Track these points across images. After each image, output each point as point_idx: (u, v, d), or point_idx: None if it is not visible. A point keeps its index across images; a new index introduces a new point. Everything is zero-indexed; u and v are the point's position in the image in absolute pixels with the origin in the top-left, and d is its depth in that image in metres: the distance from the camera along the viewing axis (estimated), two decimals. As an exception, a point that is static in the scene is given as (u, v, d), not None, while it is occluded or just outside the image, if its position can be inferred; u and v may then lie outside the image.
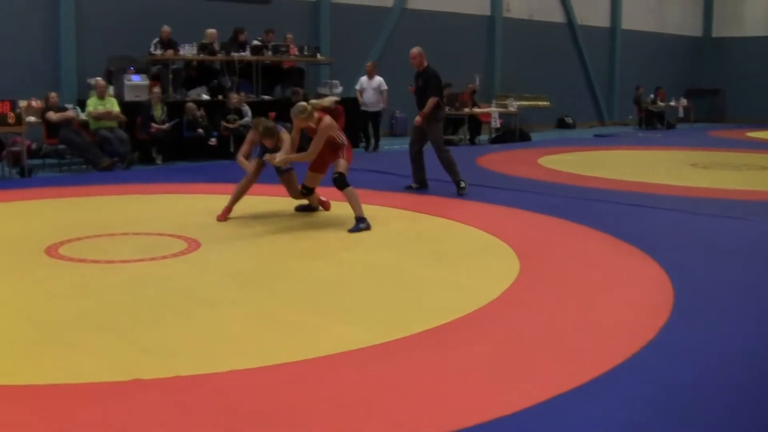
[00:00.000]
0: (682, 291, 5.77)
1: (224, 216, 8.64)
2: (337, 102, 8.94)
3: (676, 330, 4.91)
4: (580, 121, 26.38)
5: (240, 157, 8.93)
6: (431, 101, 10.60)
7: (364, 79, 17.10)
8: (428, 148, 10.98)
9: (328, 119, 8.42)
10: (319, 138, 8.37)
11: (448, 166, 10.64)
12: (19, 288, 6.01)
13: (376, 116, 17.29)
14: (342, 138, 8.59)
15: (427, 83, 10.65)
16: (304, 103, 8.48)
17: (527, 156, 15.96)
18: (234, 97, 15.34)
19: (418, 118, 10.69)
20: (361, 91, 17.02)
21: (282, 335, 4.88)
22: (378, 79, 16.93)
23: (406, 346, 4.62)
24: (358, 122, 16.83)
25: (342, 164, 8.49)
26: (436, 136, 10.76)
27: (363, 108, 16.98)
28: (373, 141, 17.46)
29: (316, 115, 8.36)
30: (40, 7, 15.67)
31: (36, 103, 13.96)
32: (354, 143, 14.92)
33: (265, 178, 9.08)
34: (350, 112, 16.34)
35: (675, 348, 4.60)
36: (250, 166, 8.83)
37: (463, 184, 10.53)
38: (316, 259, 7.02)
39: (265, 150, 8.77)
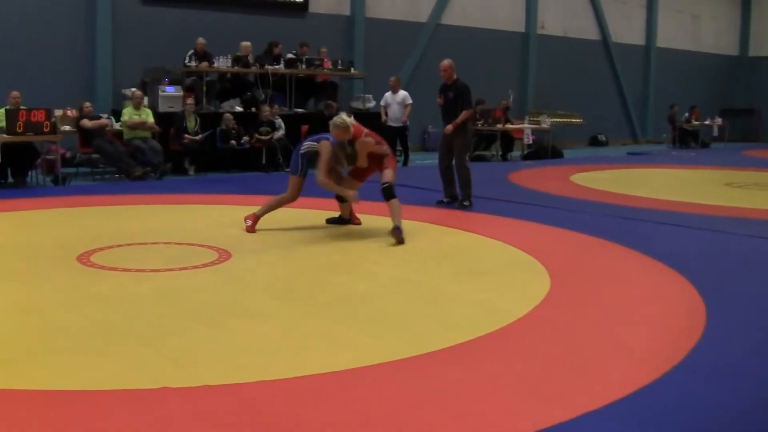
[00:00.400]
0: (715, 312, 5.70)
1: (253, 225, 8.64)
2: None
3: (707, 352, 4.84)
4: (613, 138, 26.22)
5: (323, 177, 8.57)
6: (465, 113, 10.66)
7: (388, 94, 16.66)
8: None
9: (364, 139, 8.54)
10: (361, 160, 8.57)
11: (464, 182, 10.68)
12: (50, 295, 6.05)
13: (402, 131, 16.83)
14: (384, 148, 8.73)
15: (460, 95, 10.69)
16: (345, 119, 8.49)
17: (559, 173, 15.88)
18: (266, 110, 15.41)
19: (449, 127, 10.68)
20: (386, 107, 16.61)
21: (310, 347, 4.87)
22: (402, 94, 16.52)
23: (433, 361, 4.60)
24: (385, 138, 16.60)
25: (389, 174, 8.59)
26: (462, 150, 10.78)
27: (390, 123, 16.51)
28: (402, 156, 17.33)
29: (352, 130, 8.46)
30: (77, 18, 15.86)
31: (71, 113, 14.11)
32: None
33: (303, 191, 9.06)
34: (375, 127, 16.38)
35: (705, 370, 4.53)
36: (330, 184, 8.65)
37: (467, 203, 10.54)
38: (345, 272, 7.02)
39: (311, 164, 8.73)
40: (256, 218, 8.70)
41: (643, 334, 5.24)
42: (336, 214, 9.19)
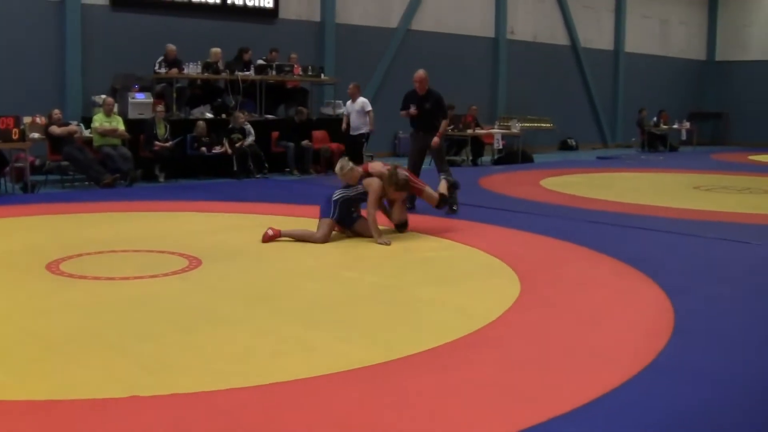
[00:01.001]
0: (683, 314, 5.76)
1: (270, 238, 8.45)
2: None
3: (676, 353, 4.90)
4: (583, 143, 26.40)
5: (372, 210, 8.73)
6: (445, 122, 11.04)
7: (349, 102, 16.16)
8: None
9: (372, 180, 8.83)
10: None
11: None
12: (19, 303, 6.01)
13: (359, 138, 15.88)
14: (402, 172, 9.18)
15: (439, 106, 10.86)
16: (344, 163, 8.89)
17: (530, 177, 15.97)
18: (240, 116, 15.37)
19: (436, 139, 10.79)
20: (348, 115, 16.06)
21: (282, 354, 4.87)
22: (361, 101, 15.91)
23: (406, 366, 4.61)
24: (345, 147, 16.12)
25: (431, 191, 9.44)
26: (441, 157, 10.97)
27: (351, 132, 15.93)
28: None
29: (359, 168, 8.89)
30: (46, 24, 15.74)
31: (40, 120, 14.01)
32: None
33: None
34: (337, 135, 16.31)
35: (674, 371, 4.58)
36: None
37: (456, 208, 10.60)
38: (317, 278, 7.01)
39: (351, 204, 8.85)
40: (278, 234, 8.53)
41: (612, 337, 5.29)
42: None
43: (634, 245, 8.59)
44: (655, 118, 26.26)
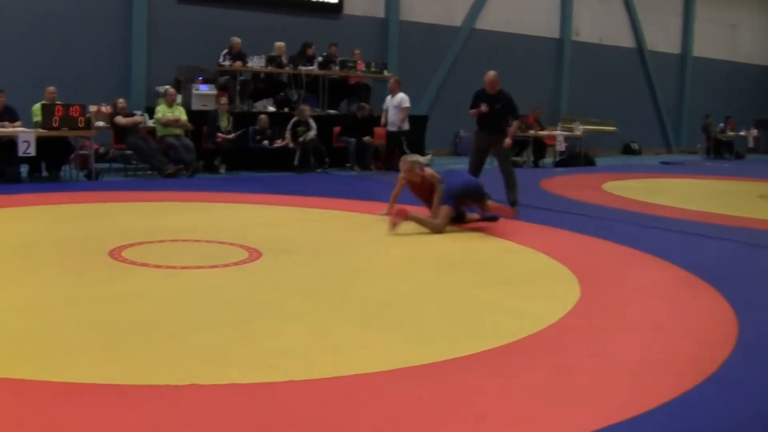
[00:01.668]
0: (747, 326, 5.63)
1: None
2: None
3: (738, 366, 4.78)
4: (647, 147, 26.05)
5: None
6: (516, 123, 11.16)
7: (388, 97, 15.85)
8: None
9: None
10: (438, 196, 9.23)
11: (512, 186, 10.72)
12: (81, 289, 6.09)
13: (398, 137, 15.73)
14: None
15: (510, 107, 10.88)
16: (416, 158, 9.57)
17: (591, 181, 15.79)
18: (306, 110, 15.44)
19: (509, 140, 10.86)
20: (387, 111, 15.80)
21: (338, 349, 4.87)
22: (399, 97, 15.54)
23: (460, 367, 4.58)
24: (387, 143, 16.05)
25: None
26: (507, 156, 11.02)
27: (388, 128, 15.73)
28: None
29: (419, 172, 9.25)
30: (113, 16, 16.01)
31: (105, 109, 14.23)
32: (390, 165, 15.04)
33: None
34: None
35: (735, 384, 4.48)
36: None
37: (517, 209, 10.55)
38: (374, 276, 7.00)
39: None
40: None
41: (672, 346, 5.20)
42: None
43: (697, 253, 8.44)
44: (722, 124, 25.78)
